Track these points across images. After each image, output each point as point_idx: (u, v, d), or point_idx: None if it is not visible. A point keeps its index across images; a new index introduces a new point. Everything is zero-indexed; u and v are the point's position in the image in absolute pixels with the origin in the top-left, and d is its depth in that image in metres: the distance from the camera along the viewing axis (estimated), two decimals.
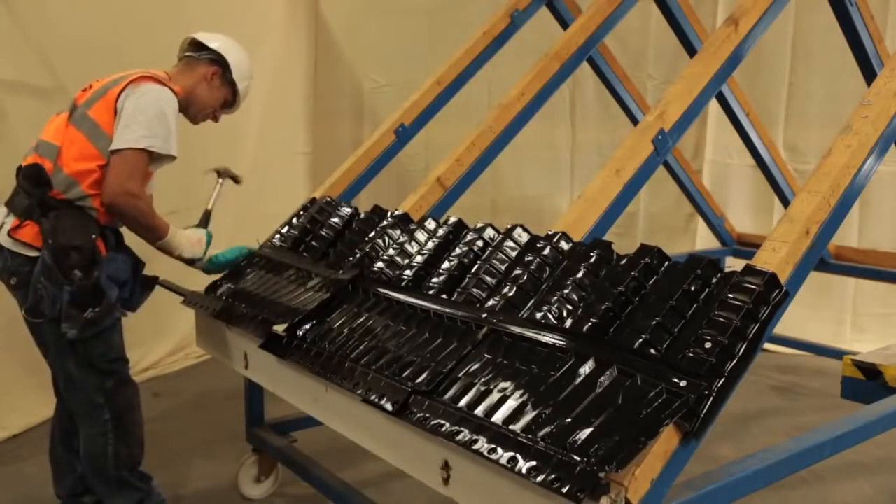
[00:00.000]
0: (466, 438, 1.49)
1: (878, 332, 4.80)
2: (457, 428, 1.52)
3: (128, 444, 2.38)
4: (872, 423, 2.10)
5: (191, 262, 2.52)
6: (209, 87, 2.52)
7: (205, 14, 4.31)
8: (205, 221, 2.67)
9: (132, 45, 3.89)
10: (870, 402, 2.29)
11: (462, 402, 1.58)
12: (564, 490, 1.28)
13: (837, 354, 3.70)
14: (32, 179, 2.25)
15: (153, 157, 2.28)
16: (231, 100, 2.61)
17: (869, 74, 2.99)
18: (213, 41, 2.55)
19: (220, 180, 2.81)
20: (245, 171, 4.64)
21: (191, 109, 2.51)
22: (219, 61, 2.53)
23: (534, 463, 1.36)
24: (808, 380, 4.41)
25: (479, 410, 1.54)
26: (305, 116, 5.18)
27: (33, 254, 2.21)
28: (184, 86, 2.46)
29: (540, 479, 1.33)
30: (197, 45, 2.56)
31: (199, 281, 2.73)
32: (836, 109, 4.49)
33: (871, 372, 2.57)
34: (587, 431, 1.37)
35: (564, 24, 3.53)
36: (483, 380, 1.62)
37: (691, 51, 3.53)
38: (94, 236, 2.23)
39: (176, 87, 2.41)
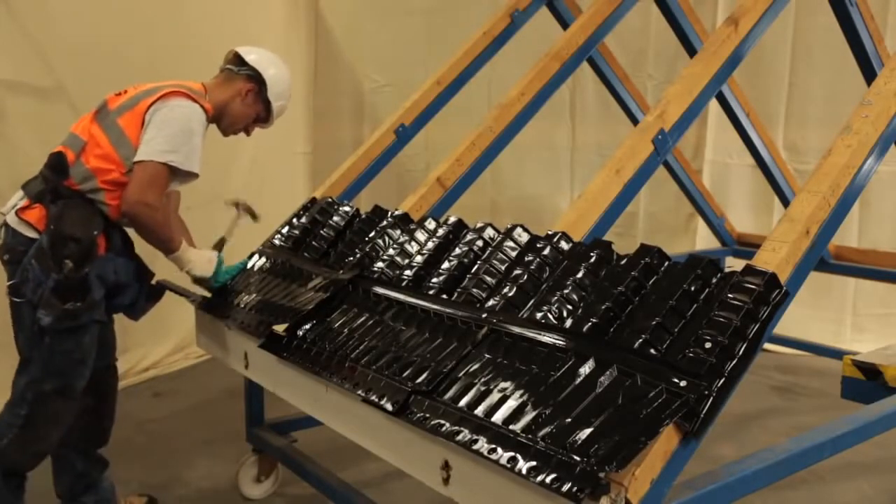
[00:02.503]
0: (466, 438, 1.49)
1: (878, 332, 4.80)
2: (457, 428, 1.52)
3: (23, 450, 2.27)
4: (872, 423, 2.10)
5: (198, 281, 2.52)
6: (243, 103, 2.51)
7: (205, 14, 4.31)
8: (219, 246, 2.67)
9: (132, 45, 3.90)
10: (870, 402, 2.29)
11: (462, 402, 1.58)
12: (564, 490, 1.29)
13: (837, 354, 3.70)
14: (53, 166, 2.28)
15: (175, 173, 2.29)
16: (265, 116, 2.59)
17: (869, 74, 2.99)
18: (251, 55, 2.54)
19: (239, 213, 2.77)
20: (245, 170, 4.68)
21: (223, 122, 2.52)
22: (256, 78, 2.51)
23: (534, 463, 1.36)
24: (808, 380, 4.41)
25: (479, 410, 1.54)
26: (305, 116, 5.18)
27: (33, 235, 2.22)
28: (219, 99, 2.47)
29: (540, 479, 1.33)
30: (238, 59, 2.54)
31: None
32: (836, 109, 4.49)
33: (871, 372, 2.57)
34: (587, 431, 1.37)
35: (564, 24, 3.53)
36: (483, 380, 1.62)
37: (691, 51, 3.53)
38: (95, 232, 2.23)
39: (209, 101, 2.41)
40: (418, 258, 2.13)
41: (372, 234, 2.39)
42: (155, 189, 2.24)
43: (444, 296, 1.94)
